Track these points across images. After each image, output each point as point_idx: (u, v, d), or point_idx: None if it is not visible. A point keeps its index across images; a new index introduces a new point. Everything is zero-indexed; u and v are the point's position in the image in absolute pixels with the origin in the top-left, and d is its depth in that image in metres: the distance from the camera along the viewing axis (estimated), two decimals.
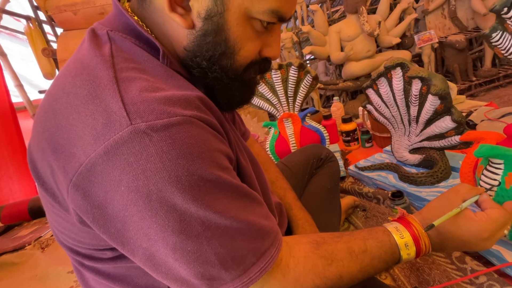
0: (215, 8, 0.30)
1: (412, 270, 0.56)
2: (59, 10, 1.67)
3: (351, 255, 0.33)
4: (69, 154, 0.26)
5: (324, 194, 0.68)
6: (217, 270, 0.27)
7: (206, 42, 0.31)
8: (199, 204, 0.26)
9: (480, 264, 0.52)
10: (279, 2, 0.31)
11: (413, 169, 0.81)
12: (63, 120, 0.27)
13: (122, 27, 0.32)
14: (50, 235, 1.16)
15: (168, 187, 0.25)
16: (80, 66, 0.29)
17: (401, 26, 2.21)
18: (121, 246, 0.28)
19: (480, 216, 0.36)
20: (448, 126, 0.69)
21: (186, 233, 0.26)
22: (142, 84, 0.27)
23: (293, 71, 0.94)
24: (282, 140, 0.99)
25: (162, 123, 0.25)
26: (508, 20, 0.49)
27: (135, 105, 0.25)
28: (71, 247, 0.33)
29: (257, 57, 0.35)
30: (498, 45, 0.53)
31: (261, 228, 0.30)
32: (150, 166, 0.24)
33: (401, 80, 0.74)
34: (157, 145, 0.24)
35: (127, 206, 0.25)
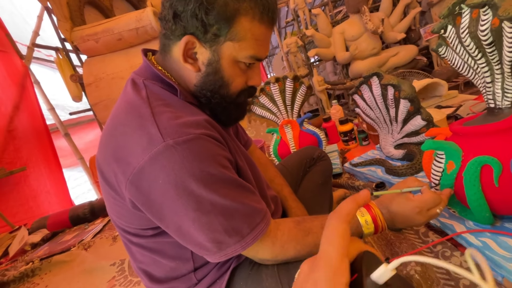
0: (213, 57, 0.48)
1: (386, 245, 0.71)
2: (83, 40, 1.97)
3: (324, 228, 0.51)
4: (127, 162, 0.42)
5: (316, 189, 0.85)
6: (223, 236, 0.42)
7: (209, 80, 0.49)
8: (208, 189, 0.41)
9: (439, 237, 0.66)
10: (255, 50, 0.48)
11: (398, 163, 0.96)
12: (121, 142, 0.43)
13: (151, 76, 0.51)
14: (91, 237, 1.41)
15: (188, 179, 0.40)
16: (129, 106, 0.46)
17: (405, 21, 2.30)
18: (160, 222, 0.43)
19: (416, 197, 0.52)
20: (420, 124, 0.84)
21: (201, 210, 0.41)
22: (168, 115, 0.44)
23: (289, 83, 1.12)
24: (284, 144, 1.17)
25: (183, 139, 0.41)
26: (447, 38, 0.65)
27: (166, 129, 0.42)
28: (124, 228, 0.50)
29: (245, 86, 0.53)
30: (444, 57, 0.68)
31: (253, 208, 0.45)
32: (176, 166, 0.40)
33: (379, 87, 0.90)
34: (180, 153, 0.40)
35: (163, 193, 0.41)
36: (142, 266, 0.52)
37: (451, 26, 0.63)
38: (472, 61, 0.61)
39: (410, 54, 2.25)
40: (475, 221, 0.61)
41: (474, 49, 0.58)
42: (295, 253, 0.47)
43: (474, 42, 0.57)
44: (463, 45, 0.61)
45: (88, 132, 2.64)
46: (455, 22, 0.62)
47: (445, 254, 0.62)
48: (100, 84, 1.95)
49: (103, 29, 1.96)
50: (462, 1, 0.57)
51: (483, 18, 0.53)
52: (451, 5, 0.58)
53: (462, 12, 0.59)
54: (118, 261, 1.12)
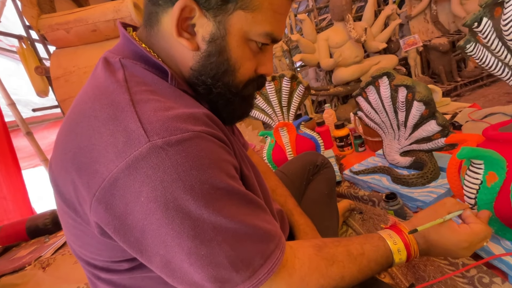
0: (218, 32, 0.34)
1: (408, 268, 0.59)
2: (51, 28, 1.70)
3: (350, 257, 0.37)
4: (92, 171, 0.28)
5: (322, 199, 0.72)
6: (228, 272, 0.30)
7: (210, 62, 0.35)
8: (210, 210, 0.29)
9: (470, 258, 0.55)
10: (273, 26, 0.35)
11: (405, 171, 0.86)
12: (85, 141, 0.29)
13: (132, 54, 0.36)
14: (51, 254, 1.16)
15: (183, 196, 0.27)
16: (98, 92, 0.32)
17: (386, 31, 2.30)
18: (140, 254, 0.30)
19: (462, 228, 0.40)
20: (434, 130, 0.74)
21: (200, 238, 0.28)
22: (155, 104, 0.30)
23: (286, 82, 0.99)
24: (279, 149, 1.03)
25: (176, 139, 0.28)
26: (479, 33, 0.55)
27: (151, 124, 0.28)
28: (88, 260, 0.35)
29: (254, 74, 0.39)
30: (473, 55, 0.58)
31: (266, 232, 0.33)
32: (167, 177, 0.27)
33: (388, 88, 0.79)
34: (172, 159, 0.27)
35: (146, 215, 0.27)
36: None
37: (487, 19, 0.53)
38: (511, 59, 0.52)
39: (391, 63, 2.25)
40: None
41: None
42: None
43: None
44: (503, 40, 0.51)
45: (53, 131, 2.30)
46: (492, 14, 0.52)
47: (483, 280, 0.51)
48: (70, 78, 1.69)
49: (75, 18, 1.71)
50: None
51: None
52: None
53: (506, 0, 0.49)
54: (83, 285, 0.90)
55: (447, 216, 0.41)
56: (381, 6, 2.58)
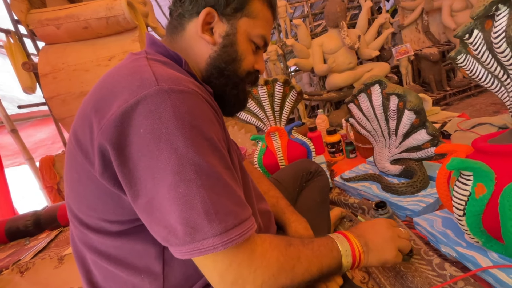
0: (230, 30, 0.46)
1: (396, 278, 0.58)
2: (41, 24, 1.65)
3: (303, 242, 0.41)
4: (107, 109, 0.32)
5: (314, 207, 0.71)
6: (200, 219, 0.31)
7: (224, 51, 0.46)
8: (195, 150, 0.32)
9: (458, 270, 0.55)
10: (265, 31, 0.49)
11: (395, 179, 0.85)
12: (106, 90, 0.35)
13: (155, 50, 0.44)
14: (30, 257, 1.11)
15: (175, 131, 0.31)
16: (122, 64, 0.39)
17: (379, 39, 2.33)
18: (130, 189, 0.32)
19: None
20: (424, 139, 0.74)
21: (181, 175, 0.31)
22: (167, 69, 0.37)
23: (279, 87, 0.98)
24: (270, 154, 1.02)
25: (179, 88, 0.33)
26: (470, 45, 0.55)
27: (162, 75, 0.34)
28: (82, 218, 0.37)
29: (252, 69, 0.50)
30: (463, 66, 0.58)
31: (242, 199, 0.35)
32: (165, 114, 0.31)
33: (380, 96, 0.79)
34: (173, 101, 0.32)
35: (142, 146, 0.31)
36: (95, 284, 0.39)
37: (478, 31, 0.53)
38: (501, 71, 0.52)
39: (383, 71, 2.28)
40: (505, 254, 0.50)
41: (510, 57, 0.49)
42: (278, 266, 0.36)
43: (511, 48, 0.48)
44: (494, 53, 0.51)
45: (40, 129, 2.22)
46: (483, 26, 0.52)
47: None
48: (58, 75, 1.64)
49: (66, 14, 1.67)
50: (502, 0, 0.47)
51: None
52: (488, 4, 0.48)
53: (496, 14, 0.49)
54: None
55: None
56: (374, 14, 2.62)
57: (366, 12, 2.31)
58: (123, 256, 0.37)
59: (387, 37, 2.36)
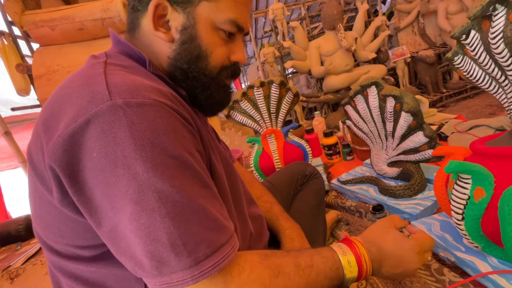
0: (188, 22, 0.38)
1: (394, 284, 0.57)
2: (35, 25, 1.63)
3: (298, 269, 0.34)
4: (55, 128, 0.29)
5: (309, 211, 0.69)
6: (166, 252, 0.27)
7: (184, 49, 0.39)
8: (158, 174, 0.27)
9: (457, 275, 0.54)
10: (236, 15, 0.39)
11: (392, 182, 0.84)
12: (56, 105, 0.31)
13: (118, 49, 0.39)
14: (21, 263, 1.08)
15: (132, 154, 0.27)
16: (78, 71, 0.35)
17: (376, 42, 2.33)
18: (90, 215, 0.29)
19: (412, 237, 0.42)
20: (421, 141, 0.73)
21: (142, 205, 0.27)
22: (125, 76, 0.32)
23: (275, 89, 0.97)
24: (266, 156, 1.00)
25: (136, 101, 0.28)
26: (467, 45, 0.54)
27: (117, 87, 0.29)
28: (51, 245, 0.34)
29: (228, 62, 0.42)
30: (460, 67, 0.57)
31: (219, 221, 0.30)
32: (120, 134, 0.27)
33: (377, 98, 0.78)
34: (128, 118, 0.28)
35: (96, 172, 0.27)
36: None
37: (475, 32, 0.52)
38: (499, 72, 0.51)
39: (380, 73, 2.28)
40: (505, 260, 0.49)
41: (508, 58, 0.48)
42: None
43: (509, 49, 0.47)
44: (491, 53, 0.50)
45: None
46: (480, 27, 0.51)
47: None
48: (52, 77, 1.62)
49: (61, 15, 1.65)
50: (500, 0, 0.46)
51: None
52: (485, 4, 0.47)
53: (493, 14, 0.48)
54: None
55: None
56: (371, 17, 2.63)
57: (363, 14, 2.31)
58: (101, 280, 0.34)
59: (384, 39, 2.37)
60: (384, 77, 2.33)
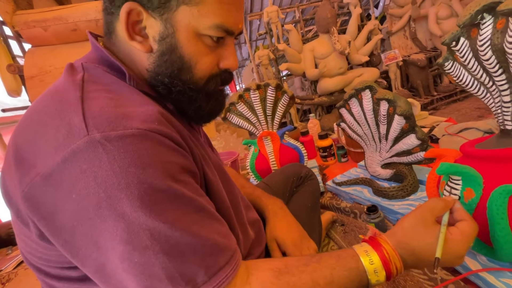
0: (166, 31, 0.34)
1: (388, 283, 0.58)
2: (27, 26, 1.61)
3: (313, 280, 0.32)
4: (30, 165, 0.27)
5: (305, 212, 0.70)
6: (164, 285, 0.27)
7: (164, 61, 0.35)
8: (148, 213, 0.26)
9: (448, 273, 0.56)
10: (222, 18, 0.34)
11: (386, 183, 0.86)
12: (31, 135, 0.29)
13: (96, 59, 0.36)
14: (13, 267, 1.06)
15: (117, 194, 0.25)
16: (54, 90, 0.32)
17: (369, 45, 2.38)
18: (71, 257, 0.28)
19: (455, 235, 0.36)
20: (413, 143, 0.75)
21: (134, 244, 0.26)
22: (104, 101, 0.29)
23: (271, 91, 0.98)
24: (262, 158, 1.01)
25: (116, 134, 0.26)
26: (457, 52, 0.56)
27: (94, 118, 0.27)
28: (39, 267, 0.33)
29: (216, 69, 0.38)
30: (450, 72, 0.59)
31: (216, 244, 0.30)
32: (102, 173, 0.25)
33: (370, 101, 0.80)
34: (109, 154, 0.26)
35: (77, 214, 0.26)
36: None
37: (464, 39, 0.55)
38: (487, 78, 0.54)
39: (373, 76, 2.32)
40: (493, 258, 0.51)
41: (495, 64, 0.50)
42: None
43: (496, 56, 0.49)
44: (480, 60, 0.53)
45: None
46: (469, 34, 0.54)
47: None
48: (45, 78, 1.60)
49: (54, 16, 1.63)
50: (487, 9, 0.48)
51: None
52: (474, 12, 0.49)
53: (481, 22, 0.50)
54: None
55: (443, 228, 0.36)
56: (364, 21, 2.68)
57: (356, 18, 2.35)
58: None
59: (376, 43, 2.41)
60: (377, 80, 2.38)
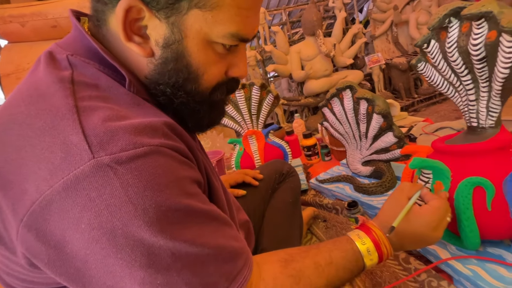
0: (173, 36, 0.30)
1: (366, 274, 0.61)
2: (3, 21, 1.55)
3: (318, 269, 0.35)
4: (20, 191, 0.24)
5: (286, 208, 0.72)
6: None
7: (168, 70, 0.31)
8: (167, 235, 0.25)
9: (421, 263, 0.59)
10: (239, 26, 0.31)
11: (366, 180, 0.89)
12: (14, 154, 0.25)
13: (84, 51, 0.31)
14: None
15: (134, 221, 0.24)
16: (35, 94, 0.27)
17: (353, 48, 2.45)
18: (82, 285, 0.26)
19: (425, 208, 0.42)
20: (391, 141, 0.78)
21: (155, 267, 0.25)
22: (105, 113, 0.26)
23: (256, 91, 1.00)
24: (247, 157, 1.02)
25: (128, 155, 0.24)
26: (428, 53, 0.60)
27: (98, 136, 0.24)
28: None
29: (224, 78, 0.35)
30: (423, 73, 0.63)
31: (233, 250, 0.31)
32: (115, 201, 0.23)
33: (351, 100, 0.83)
34: (122, 178, 0.23)
35: (89, 244, 0.24)
36: None
37: (435, 41, 0.58)
38: (455, 78, 0.57)
39: (357, 78, 2.39)
40: (461, 246, 0.54)
41: (461, 65, 0.54)
42: None
43: (462, 58, 0.53)
44: (448, 61, 0.56)
45: None
46: (439, 37, 0.57)
47: (432, 284, 0.54)
48: (22, 75, 1.54)
49: (33, 11, 1.58)
50: (453, 13, 0.52)
51: (476, 31, 0.48)
52: (442, 16, 0.53)
53: (449, 26, 0.54)
54: None
55: (410, 203, 0.42)
56: (348, 24, 2.76)
57: (341, 22, 2.42)
58: None
59: (360, 46, 2.49)
60: (361, 82, 2.45)
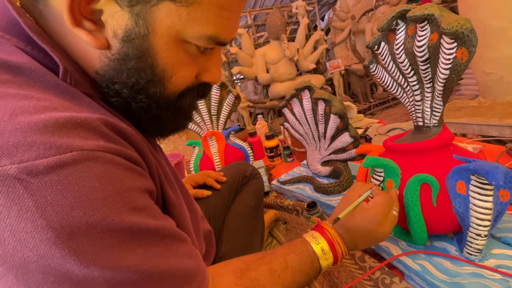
0: (136, 29, 0.24)
1: (324, 276, 0.60)
2: None
3: (273, 276, 0.34)
4: None
5: (248, 212, 0.68)
6: None
7: (127, 68, 0.25)
8: (104, 264, 0.20)
9: (376, 261, 0.59)
10: (218, 28, 0.26)
11: (325, 180, 0.90)
12: None
13: (5, 24, 0.24)
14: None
15: (55, 251, 0.18)
16: None
17: (316, 54, 2.53)
18: None
19: (370, 203, 0.43)
20: (347, 141, 0.79)
21: None
22: (17, 103, 0.19)
23: (215, 90, 0.95)
24: (207, 159, 0.97)
25: (47, 164, 0.18)
26: (379, 55, 0.61)
27: (3, 135, 0.18)
28: None
29: (194, 82, 0.30)
30: (375, 74, 0.64)
31: (186, 272, 0.27)
32: (25, 226, 0.17)
33: (309, 101, 0.83)
34: (36, 195, 0.18)
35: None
36: None
37: (384, 43, 0.60)
38: (402, 79, 0.59)
39: (319, 82, 2.47)
40: (411, 242, 0.56)
41: (408, 66, 0.55)
42: None
43: (408, 59, 0.54)
44: (396, 62, 0.58)
45: None
46: (388, 39, 0.59)
47: (385, 281, 0.54)
48: None
49: None
50: (400, 15, 0.53)
51: (420, 34, 0.50)
52: (390, 19, 0.54)
53: (396, 28, 0.56)
54: None
55: (359, 199, 0.44)
56: (311, 31, 2.85)
57: (304, 27, 2.49)
58: None
59: (322, 52, 2.58)
60: (323, 86, 2.54)
